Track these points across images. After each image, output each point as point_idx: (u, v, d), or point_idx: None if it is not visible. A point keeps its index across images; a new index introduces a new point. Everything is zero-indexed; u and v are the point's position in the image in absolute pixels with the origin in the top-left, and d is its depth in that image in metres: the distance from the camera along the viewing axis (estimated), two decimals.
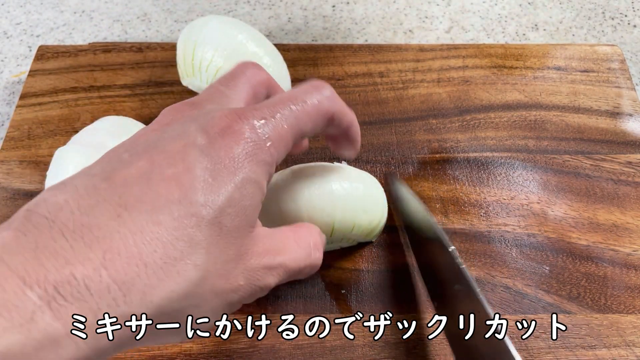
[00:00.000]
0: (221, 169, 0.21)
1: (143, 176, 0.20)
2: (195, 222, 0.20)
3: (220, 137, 0.22)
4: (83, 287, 0.17)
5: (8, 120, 0.47)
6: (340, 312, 0.35)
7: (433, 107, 0.45)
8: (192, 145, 0.21)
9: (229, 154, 0.21)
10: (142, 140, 0.22)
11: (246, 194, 0.22)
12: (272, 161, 0.23)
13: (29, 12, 0.56)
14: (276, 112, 0.24)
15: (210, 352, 0.33)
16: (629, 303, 0.35)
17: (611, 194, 0.40)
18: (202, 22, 0.41)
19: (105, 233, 0.18)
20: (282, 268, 0.24)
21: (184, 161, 0.21)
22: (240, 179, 0.21)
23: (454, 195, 0.40)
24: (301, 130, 0.24)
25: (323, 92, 0.26)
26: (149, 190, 0.19)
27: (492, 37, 0.54)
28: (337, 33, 0.54)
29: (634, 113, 0.44)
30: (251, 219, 0.22)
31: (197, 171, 0.20)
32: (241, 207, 0.21)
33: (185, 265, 0.19)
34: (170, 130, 0.22)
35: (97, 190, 0.19)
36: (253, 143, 0.22)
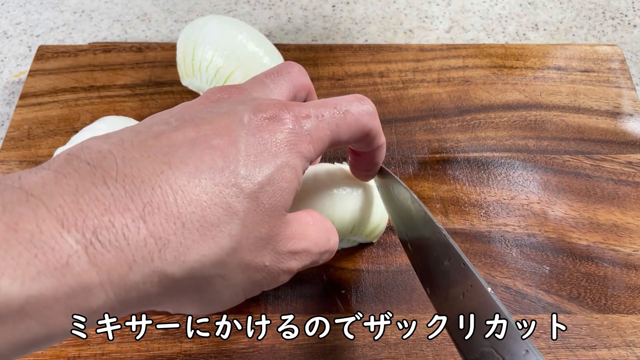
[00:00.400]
0: (264, 150, 0.22)
1: (189, 141, 0.20)
2: (235, 192, 0.20)
3: (266, 121, 0.22)
4: (121, 236, 0.17)
5: (8, 120, 0.47)
6: (340, 312, 0.35)
7: (433, 107, 0.45)
8: (240, 123, 0.22)
9: (273, 138, 0.22)
10: (190, 111, 0.23)
11: (284, 176, 0.22)
12: (309, 156, 0.24)
13: (29, 12, 0.56)
14: (320, 112, 0.24)
15: (210, 352, 0.33)
16: (629, 303, 0.35)
17: (611, 194, 0.40)
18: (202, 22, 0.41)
19: (147, 186, 0.18)
20: (305, 253, 0.24)
21: (230, 135, 0.21)
22: (280, 162, 0.22)
23: (454, 195, 0.40)
24: (338, 137, 0.25)
25: (366, 106, 0.26)
26: (193, 154, 0.20)
27: (492, 37, 0.54)
28: (337, 33, 0.54)
29: (634, 113, 0.44)
30: (286, 202, 0.23)
31: (241, 146, 0.21)
32: (279, 187, 0.22)
33: (220, 232, 0.19)
34: (218, 107, 0.23)
35: (142, 144, 0.19)
36: (295, 134, 0.23)
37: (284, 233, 0.23)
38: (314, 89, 0.30)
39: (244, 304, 0.34)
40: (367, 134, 0.27)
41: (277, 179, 0.22)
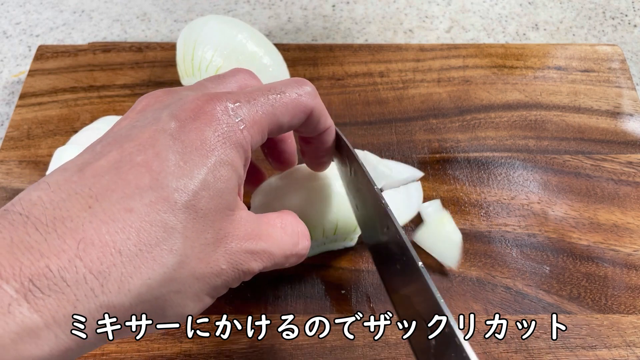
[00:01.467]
0: (192, 152, 0.21)
1: (113, 166, 0.20)
2: (169, 207, 0.20)
3: (191, 120, 0.21)
4: (59, 278, 0.17)
5: (7, 120, 0.47)
6: (340, 312, 0.35)
7: (433, 107, 0.45)
8: (162, 131, 0.21)
9: (200, 137, 0.21)
10: (115, 130, 0.22)
11: (220, 176, 0.21)
12: (246, 144, 0.23)
13: (29, 12, 0.55)
14: (252, 97, 0.23)
15: (210, 352, 0.33)
16: (630, 303, 0.35)
17: (612, 194, 0.40)
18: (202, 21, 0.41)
19: (77, 224, 0.18)
20: (266, 254, 0.24)
21: (154, 147, 0.20)
22: (213, 162, 0.21)
23: (454, 195, 0.40)
24: (277, 120, 0.24)
25: (304, 87, 0.26)
26: (118, 178, 0.19)
27: (492, 37, 0.54)
28: (337, 33, 0.54)
29: (634, 113, 0.44)
30: (228, 202, 0.22)
31: (167, 155, 0.20)
32: (216, 189, 0.21)
33: (161, 251, 0.19)
34: (143, 118, 0.22)
35: (68, 183, 0.19)
36: (225, 125, 0.22)
37: (235, 233, 0.22)
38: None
39: (244, 304, 0.34)
40: (310, 115, 0.26)
41: (211, 181, 0.21)
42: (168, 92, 0.24)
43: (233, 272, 0.23)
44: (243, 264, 0.23)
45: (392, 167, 0.38)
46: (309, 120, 0.26)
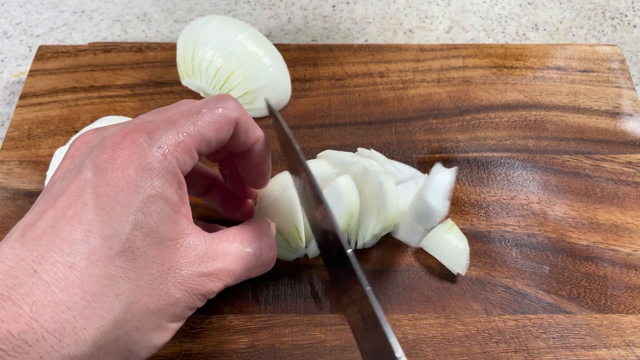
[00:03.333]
0: (118, 195, 0.21)
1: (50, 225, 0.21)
2: (104, 256, 0.20)
3: (111, 160, 0.22)
4: (21, 341, 0.18)
5: (8, 120, 0.47)
6: (341, 312, 0.35)
7: (433, 107, 0.45)
8: (86, 180, 0.22)
9: (124, 175, 0.22)
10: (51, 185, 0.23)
11: (150, 212, 0.22)
12: (173, 169, 0.23)
13: (29, 12, 0.56)
14: (171, 121, 0.24)
15: (210, 352, 0.33)
16: (629, 303, 0.35)
17: (611, 194, 0.40)
18: (202, 22, 0.41)
19: (27, 290, 0.19)
20: (223, 272, 0.24)
21: (81, 197, 0.21)
22: (140, 199, 0.22)
23: (454, 195, 0.40)
24: (202, 137, 0.24)
25: (226, 101, 0.26)
26: (56, 238, 0.20)
27: (492, 37, 0.54)
28: (337, 33, 0.54)
29: (633, 113, 0.44)
30: (166, 234, 0.22)
31: (94, 204, 0.21)
32: (148, 227, 0.22)
33: (107, 299, 0.20)
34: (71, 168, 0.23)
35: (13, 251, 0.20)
36: (147, 156, 0.22)
37: (183, 260, 0.23)
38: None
39: (244, 304, 0.34)
40: (237, 127, 0.26)
41: (142, 219, 0.21)
42: (95, 132, 0.25)
43: (190, 298, 0.23)
44: (199, 288, 0.23)
45: (398, 167, 0.38)
46: (237, 132, 0.26)
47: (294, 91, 0.45)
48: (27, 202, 0.39)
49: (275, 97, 0.43)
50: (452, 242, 0.36)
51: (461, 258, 0.36)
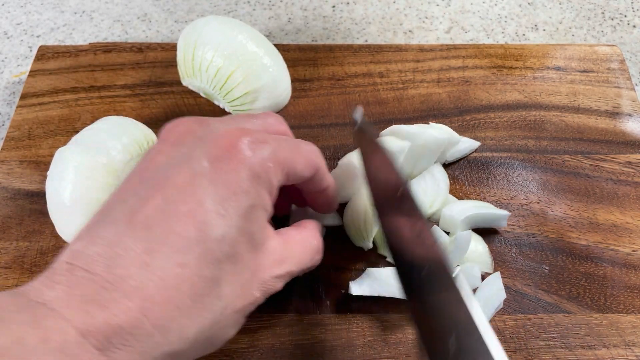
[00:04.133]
0: (230, 198, 0.22)
1: (160, 214, 0.21)
2: (214, 259, 0.21)
3: (225, 159, 0.23)
4: (130, 335, 0.19)
5: (8, 120, 0.47)
6: (340, 312, 0.35)
7: (433, 107, 0.45)
8: (200, 175, 0.22)
9: (236, 178, 0.23)
10: (153, 168, 0.23)
11: (253, 219, 0.23)
12: (275, 181, 0.24)
13: (30, 12, 0.56)
14: (276, 140, 0.25)
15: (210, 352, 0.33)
16: (629, 303, 0.35)
17: (611, 194, 0.40)
18: (203, 22, 0.41)
19: (139, 283, 0.20)
20: (288, 274, 0.26)
21: (195, 195, 0.22)
22: (247, 205, 0.23)
23: (454, 195, 0.40)
24: (294, 167, 0.26)
25: (311, 145, 0.28)
26: (169, 231, 0.21)
27: (492, 38, 0.54)
28: (337, 33, 0.54)
29: (633, 113, 0.44)
30: (260, 240, 0.24)
31: (208, 204, 0.22)
32: (250, 233, 0.23)
33: (210, 299, 0.21)
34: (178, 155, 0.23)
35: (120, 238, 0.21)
36: (257, 163, 0.23)
37: (266, 263, 0.24)
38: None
39: None
40: (317, 171, 0.28)
41: (247, 226, 0.23)
42: (200, 123, 0.26)
43: (263, 297, 0.25)
44: (271, 288, 0.25)
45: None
46: (315, 176, 0.28)
47: (294, 91, 0.45)
48: (28, 202, 0.39)
49: (275, 97, 0.43)
50: (472, 246, 0.36)
51: (485, 259, 0.36)
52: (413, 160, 0.38)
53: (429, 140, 0.38)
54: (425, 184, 0.38)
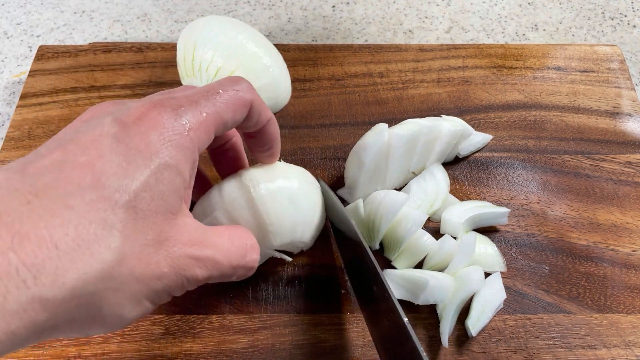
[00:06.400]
0: (136, 154, 0.21)
1: (56, 165, 0.20)
2: (109, 206, 0.20)
3: (135, 124, 0.22)
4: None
5: (8, 120, 0.47)
6: (341, 311, 0.35)
7: (433, 107, 0.45)
8: (106, 135, 0.21)
9: (145, 140, 0.22)
10: (61, 135, 0.23)
11: (162, 179, 0.22)
12: (192, 147, 0.23)
13: (29, 12, 0.56)
14: (193, 100, 0.24)
15: (211, 352, 0.33)
16: (629, 303, 0.35)
17: (611, 194, 0.40)
18: (203, 22, 0.41)
19: (14, 218, 0.18)
20: (211, 262, 0.24)
21: (97, 148, 0.21)
22: (156, 164, 0.22)
23: (454, 195, 0.40)
24: (221, 118, 0.25)
25: (240, 83, 0.26)
26: (60, 176, 0.20)
27: (492, 37, 0.54)
28: (337, 33, 0.54)
29: (633, 113, 0.44)
30: (171, 205, 0.22)
31: (110, 156, 0.21)
32: (157, 192, 0.22)
33: (99, 247, 0.19)
34: (87, 124, 0.23)
35: (9, 181, 0.19)
36: (171, 129, 0.22)
37: (178, 237, 0.23)
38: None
39: (244, 304, 0.35)
40: (251, 108, 0.27)
41: (153, 183, 0.21)
42: (115, 103, 0.25)
43: (176, 277, 0.23)
44: (186, 270, 0.23)
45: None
46: (251, 113, 0.27)
47: (294, 91, 0.45)
48: None
49: (275, 97, 0.43)
50: (482, 249, 0.36)
51: (496, 259, 0.36)
52: (427, 153, 0.38)
53: (443, 132, 0.38)
54: (426, 183, 0.39)
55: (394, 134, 0.36)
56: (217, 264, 0.24)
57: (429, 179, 0.39)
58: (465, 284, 0.33)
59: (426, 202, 0.38)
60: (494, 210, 0.37)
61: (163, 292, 0.23)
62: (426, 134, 0.37)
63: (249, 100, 0.26)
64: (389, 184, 0.38)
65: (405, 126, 0.37)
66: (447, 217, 0.37)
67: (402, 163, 0.38)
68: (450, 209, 0.37)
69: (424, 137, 0.37)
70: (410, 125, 0.37)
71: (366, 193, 0.38)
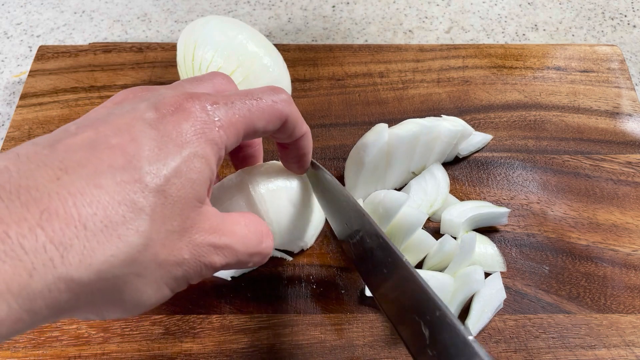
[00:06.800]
0: (168, 141, 0.21)
1: (88, 144, 0.20)
2: (139, 188, 0.20)
3: (170, 113, 0.22)
4: (17, 245, 0.17)
5: (8, 120, 0.47)
6: (341, 311, 0.35)
7: (433, 107, 0.45)
8: (140, 119, 0.21)
9: (177, 129, 0.22)
10: (92, 116, 0.23)
11: (193, 167, 0.22)
12: (221, 142, 0.23)
13: (29, 12, 0.56)
14: (230, 100, 0.24)
15: (211, 352, 0.33)
16: (629, 303, 0.35)
17: (611, 194, 0.40)
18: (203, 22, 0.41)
19: (43, 194, 0.18)
20: (229, 249, 0.24)
21: (130, 132, 0.21)
22: (187, 153, 0.21)
23: (454, 195, 0.40)
24: (253, 124, 0.25)
25: (280, 94, 0.26)
26: (92, 156, 0.19)
27: (492, 37, 0.54)
28: (337, 33, 0.54)
29: (633, 113, 0.44)
30: (198, 193, 0.22)
31: (143, 140, 0.20)
32: (187, 179, 0.21)
33: (127, 230, 0.19)
34: (121, 107, 0.23)
35: (38, 155, 0.19)
36: (202, 122, 0.22)
37: (201, 225, 0.23)
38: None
39: (244, 304, 0.35)
40: (285, 122, 0.26)
41: (184, 170, 0.21)
42: (147, 89, 0.25)
43: (195, 264, 0.23)
44: (206, 257, 0.23)
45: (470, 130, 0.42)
46: (285, 127, 0.27)
47: (294, 91, 0.45)
48: None
49: None
50: (482, 249, 0.36)
51: (497, 259, 0.36)
52: (427, 153, 0.38)
53: (443, 132, 0.38)
54: (426, 183, 0.39)
55: (394, 134, 0.36)
56: (234, 252, 0.24)
57: (429, 179, 0.39)
58: (465, 284, 0.33)
59: (426, 202, 0.38)
60: (494, 210, 0.37)
61: (182, 279, 0.23)
62: (426, 134, 0.37)
63: (285, 113, 0.26)
64: (389, 184, 0.38)
65: (405, 126, 0.37)
66: (447, 217, 0.37)
67: (402, 163, 0.38)
68: (450, 209, 0.37)
69: (424, 137, 0.37)
70: (410, 125, 0.37)
71: (366, 193, 0.38)
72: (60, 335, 0.33)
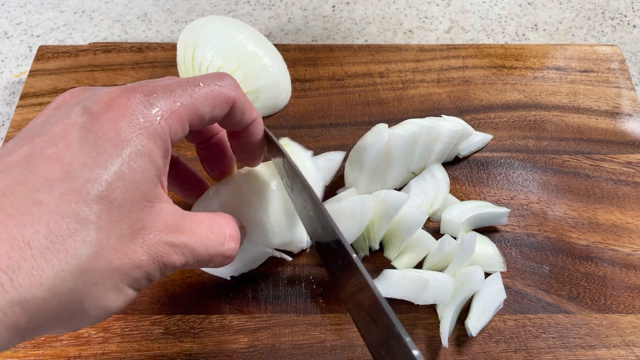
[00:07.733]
0: (106, 143, 0.20)
1: (24, 160, 0.20)
2: (80, 198, 0.19)
3: (104, 112, 0.21)
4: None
5: (8, 120, 0.47)
6: (341, 311, 0.35)
7: (433, 107, 0.45)
8: (74, 123, 0.21)
9: (115, 128, 0.21)
10: (29, 127, 0.22)
11: (136, 167, 0.21)
12: (164, 135, 0.22)
13: (29, 12, 0.56)
14: (169, 89, 0.23)
15: (210, 352, 0.33)
16: (629, 303, 0.35)
17: (611, 194, 0.40)
18: (203, 22, 0.41)
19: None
20: (187, 248, 0.24)
21: (65, 139, 0.20)
22: (128, 153, 0.21)
23: (454, 195, 0.40)
24: (197, 110, 0.24)
25: (224, 79, 0.26)
26: (28, 172, 0.19)
27: (492, 37, 0.54)
28: (337, 33, 0.54)
29: (633, 113, 0.44)
30: (145, 193, 0.22)
31: (78, 147, 0.20)
32: (131, 180, 0.21)
33: (74, 242, 0.19)
34: (56, 114, 0.22)
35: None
36: (141, 116, 0.22)
37: (154, 225, 0.22)
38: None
39: (244, 304, 0.35)
40: (233, 106, 0.26)
41: (127, 172, 0.21)
42: (86, 89, 0.24)
43: (154, 264, 0.22)
44: (164, 257, 0.23)
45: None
46: (233, 111, 0.26)
47: (294, 91, 0.45)
48: None
49: (275, 97, 0.43)
50: (482, 249, 0.36)
51: (497, 259, 0.36)
52: (427, 153, 0.38)
53: (443, 132, 0.38)
54: (426, 183, 0.39)
55: (394, 134, 0.36)
56: (193, 251, 0.24)
57: (429, 179, 0.39)
58: (465, 284, 0.33)
59: (426, 202, 0.38)
60: (494, 210, 0.37)
61: (143, 279, 0.22)
62: (426, 134, 0.37)
63: (231, 97, 0.25)
64: (389, 184, 0.38)
65: (405, 126, 0.37)
66: (447, 217, 0.37)
67: (402, 163, 0.38)
68: (450, 209, 0.37)
69: (424, 137, 0.37)
70: (410, 126, 0.37)
71: (366, 193, 0.38)
72: (60, 335, 0.33)
